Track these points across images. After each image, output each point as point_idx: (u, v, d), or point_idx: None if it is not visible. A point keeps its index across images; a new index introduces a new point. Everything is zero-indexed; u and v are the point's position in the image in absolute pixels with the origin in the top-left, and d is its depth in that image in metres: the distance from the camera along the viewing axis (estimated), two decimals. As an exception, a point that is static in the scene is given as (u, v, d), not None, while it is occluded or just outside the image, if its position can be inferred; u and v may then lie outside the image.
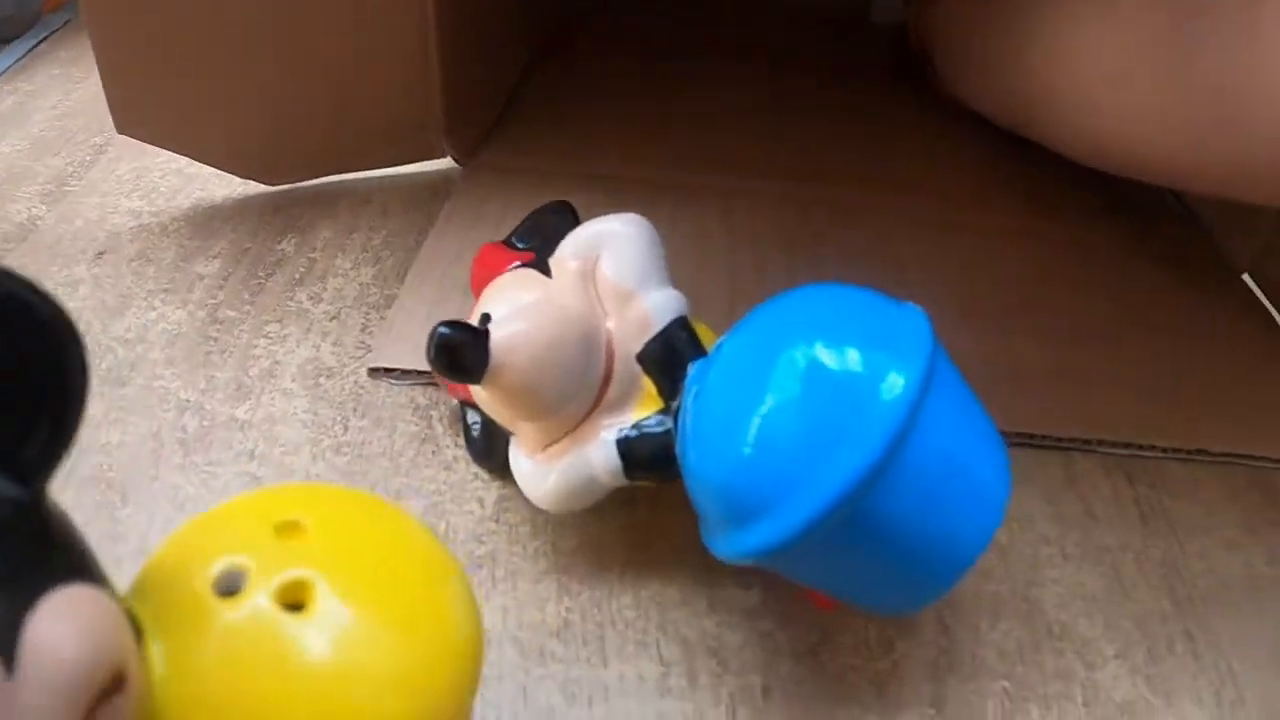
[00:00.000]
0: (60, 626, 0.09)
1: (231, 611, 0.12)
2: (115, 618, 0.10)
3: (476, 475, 0.25)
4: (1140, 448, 0.28)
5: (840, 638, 0.22)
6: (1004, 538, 0.25)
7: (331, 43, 0.32)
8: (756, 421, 0.17)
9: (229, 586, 0.12)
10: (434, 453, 0.26)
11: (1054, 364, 0.31)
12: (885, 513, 0.16)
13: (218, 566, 0.12)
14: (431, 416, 0.27)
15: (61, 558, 0.10)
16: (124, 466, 0.25)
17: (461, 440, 0.26)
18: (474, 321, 0.20)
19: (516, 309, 0.20)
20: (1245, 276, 0.38)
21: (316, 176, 0.36)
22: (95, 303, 0.31)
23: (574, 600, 0.22)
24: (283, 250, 0.33)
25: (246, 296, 0.31)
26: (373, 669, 0.12)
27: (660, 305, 0.20)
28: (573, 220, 0.24)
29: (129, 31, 0.31)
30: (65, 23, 0.54)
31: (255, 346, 0.29)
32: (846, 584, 0.18)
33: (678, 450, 0.19)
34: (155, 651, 0.11)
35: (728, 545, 0.18)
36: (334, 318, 0.29)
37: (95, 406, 0.27)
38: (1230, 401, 0.31)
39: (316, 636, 0.12)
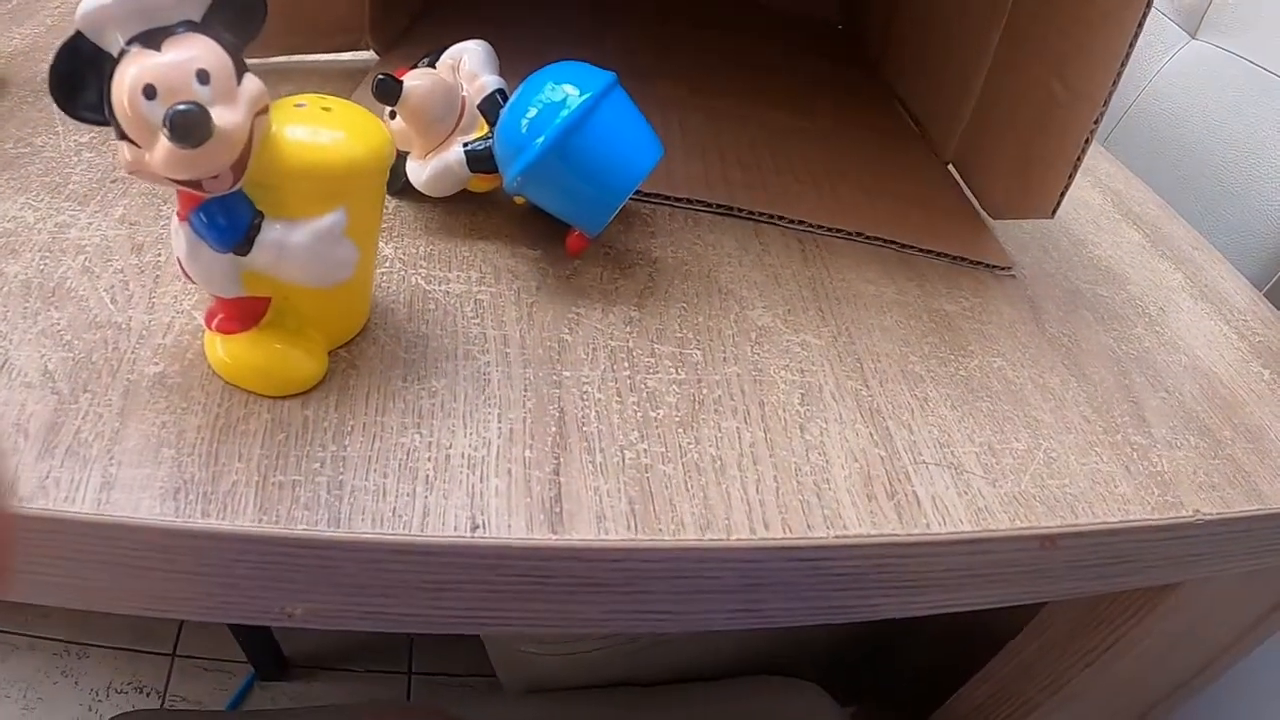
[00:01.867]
0: (253, 79, 0.31)
1: (301, 110, 0.34)
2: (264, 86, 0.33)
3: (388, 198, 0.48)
4: (814, 226, 0.53)
5: (585, 271, 0.45)
6: (699, 249, 0.48)
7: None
8: (524, 119, 0.40)
9: (299, 105, 0.35)
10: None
11: (768, 180, 0.54)
12: (575, 151, 0.39)
13: (294, 100, 0.34)
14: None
15: (246, 66, 0.33)
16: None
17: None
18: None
19: (418, 76, 0.43)
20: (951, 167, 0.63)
21: (277, 55, 0.59)
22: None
23: (435, 247, 0.44)
24: (256, 97, 0.56)
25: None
26: (350, 131, 0.34)
27: (491, 81, 0.44)
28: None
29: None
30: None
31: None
32: (568, 201, 0.42)
33: (495, 152, 0.43)
34: (273, 118, 0.33)
35: (509, 177, 0.41)
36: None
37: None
38: (899, 213, 0.55)
39: (331, 117, 0.34)
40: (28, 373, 0.36)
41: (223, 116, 0.30)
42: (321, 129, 0.34)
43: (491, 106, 0.43)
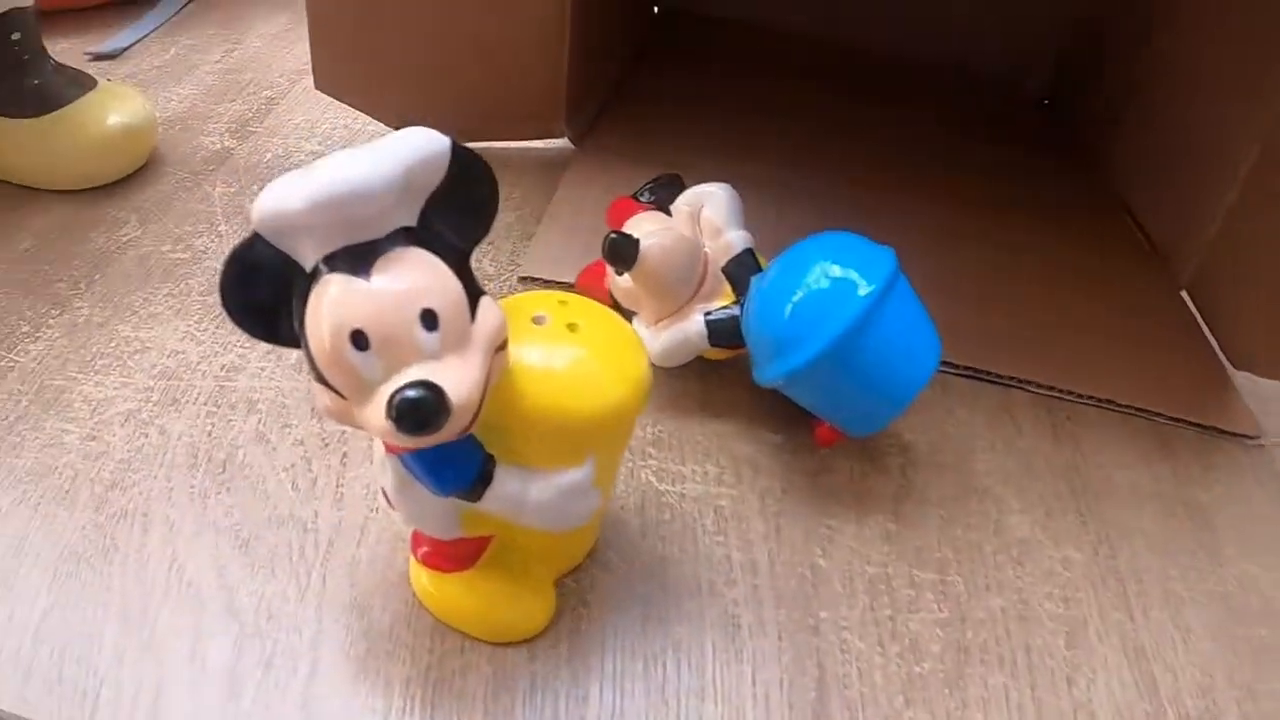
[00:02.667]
0: (491, 309, 0.24)
1: (541, 329, 0.27)
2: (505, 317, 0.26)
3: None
4: (1063, 391, 0.45)
5: (834, 467, 0.38)
6: (950, 429, 0.42)
7: (492, 40, 0.49)
8: (789, 304, 0.33)
9: (538, 320, 0.28)
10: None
11: (1007, 326, 0.47)
12: (857, 358, 0.33)
13: (534, 313, 0.28)
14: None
15: (478, 285, 0.25)
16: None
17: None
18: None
19: (654, 230, 0.36)
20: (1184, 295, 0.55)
21: (468, 143, 0.52)
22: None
23: (664, 429, 0.38)
24: (441, 193, 0.49)
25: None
26: (604, 363, 0.27)
27: (739, 239, 0.37)
28: (681, 185, 0.40)
29: (339, 12, 0.48)
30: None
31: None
32: (835, 407, 0.35)
33: (743, 326, 0.36)
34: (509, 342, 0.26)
35: (768, 373, 0.34)
36: (490, 243, 0.46)
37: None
38: (1141, 369, 0.47)
39: (580, 339, 0.27)
40: (200, 584, 0.31)
41: (459, 386, 0.23)
42: (568, 361, 0.27)
43: (739, 270, 0.37)
